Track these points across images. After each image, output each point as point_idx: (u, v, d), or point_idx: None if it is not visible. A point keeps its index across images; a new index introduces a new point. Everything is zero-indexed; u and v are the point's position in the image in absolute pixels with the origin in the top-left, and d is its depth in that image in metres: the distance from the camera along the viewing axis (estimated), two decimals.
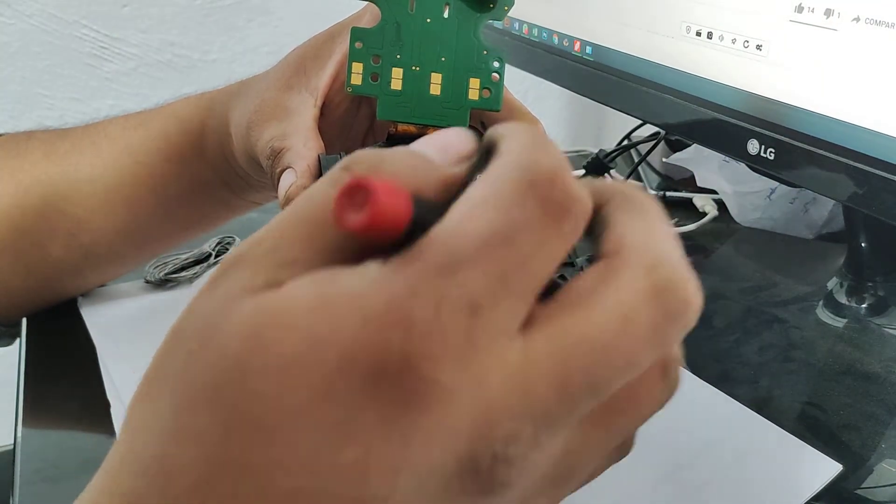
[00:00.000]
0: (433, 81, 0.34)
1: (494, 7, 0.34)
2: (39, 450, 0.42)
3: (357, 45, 0.34)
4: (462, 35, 0.34)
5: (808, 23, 0.42)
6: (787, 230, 0.69)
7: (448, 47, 0.34)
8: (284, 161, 0.35)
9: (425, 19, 0.34)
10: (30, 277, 0.49)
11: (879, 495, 0.40)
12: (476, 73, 0.34)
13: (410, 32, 0.34)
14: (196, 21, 0.96)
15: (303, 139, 0.35)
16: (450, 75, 0.34)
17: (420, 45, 0.34)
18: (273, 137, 0.36)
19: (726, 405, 0.45)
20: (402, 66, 0.34)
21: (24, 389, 0.47)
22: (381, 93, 0.34)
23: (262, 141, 0.37)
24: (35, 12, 0.89)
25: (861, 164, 0.40)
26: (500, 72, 0.35)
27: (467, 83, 0.34)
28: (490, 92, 0.35)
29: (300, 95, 0.38)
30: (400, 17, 0.34)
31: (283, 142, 0.36)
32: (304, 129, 0.36)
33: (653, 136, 0.71)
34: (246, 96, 0.41)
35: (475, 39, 0.34)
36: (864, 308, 0.57)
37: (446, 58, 0.34)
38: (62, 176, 0.47)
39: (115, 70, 0.94)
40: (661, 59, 0.52)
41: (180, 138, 0.46)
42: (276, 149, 0.36)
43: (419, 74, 0.34)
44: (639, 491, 0.38)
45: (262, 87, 0.40)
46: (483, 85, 0.35)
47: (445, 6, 0.34)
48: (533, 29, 0.65)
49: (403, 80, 0.34)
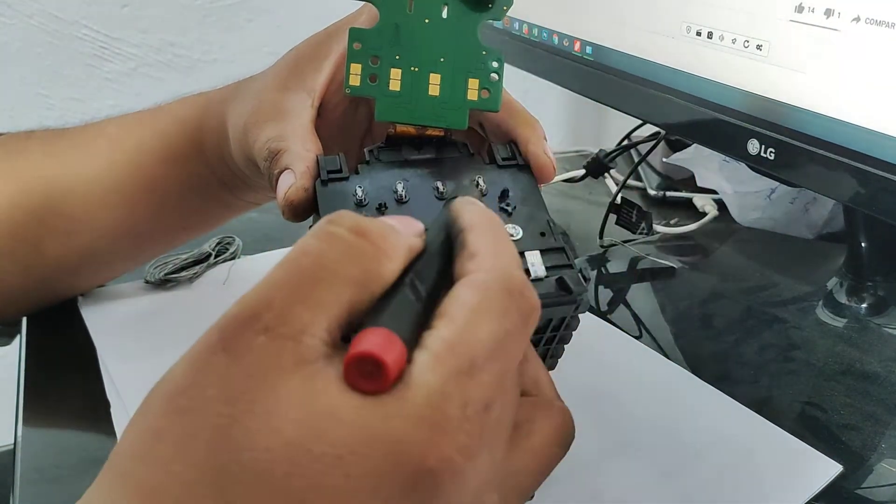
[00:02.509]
0: (432, 82, 0.34)
1: (493, 7, 0.34)
2: (39, 450, 0.42)
3: (355, 45, 0.33)
4: (461, 35, 0.34)
5: (809, 23, 0.42)
6: (787, 230, 0.69)
7: (447, 48, 0.34)
8: (283, 162, 0.35)
9: (424, 20, 0.34)
10: (27, 277, 0.49)
11: (879, 495, 0.40)
12: (475, 73, 0.34)
13: (409, 33, 0.34)
14: (196, 21, 0.96)
15: (301, 140, 0.35)
16: (449, 76, 0.34)
17: (419, 46, 0.34)
18: (270, 139, 0.36)
19: (727, 406, 0.45)
20: (401, 67, 0.34)
21: (24, 389, 0.46)
22: (380, 94, 0.34)
23: (260, 142, 0.37)
24: (35, 12, 0.89)
25: (861, 164, 0.40)
26: (498, 72, 0.34)
27: (466, 83, 0.34)
28: (489, 92, 0.34)
29: (297, 96, 0.37)
30: (398, 18, 0.33)
31: (280, 143, 0.35)
32: (302, 130, 0.36)
33: (653, 136, 0.71)
34: (243, 97, 0.40)
35: (474, 40, 0.34)
36: (864, 308, 0.57)
37: (445, 58, 0.34)
38: (61, 175, 0.47)
39: (115, 70, 0.94)
40: (661, 59, 0.52)
41: (179, 138, 0.46)
42: (274, 150, 0.35)
43: (418, 75, 0.34)
44: (640, 491, 0.38)
45: (259, 87, 0.39)
46: (482, 85, 0.34)
47: (444, 6, 0.34)
48: (533, 29, 0.65)
49: (402, 80, 0.34)
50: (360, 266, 0.21)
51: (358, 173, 0.33)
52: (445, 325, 0.21)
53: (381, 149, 0.34)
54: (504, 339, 0.21)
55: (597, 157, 0.69)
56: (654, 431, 0.42)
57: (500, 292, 0.22)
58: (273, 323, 0.20)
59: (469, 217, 0.24)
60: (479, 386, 0.20)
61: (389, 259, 0.22)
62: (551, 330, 0.33)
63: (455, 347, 0.20)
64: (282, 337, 0.20)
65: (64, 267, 0.49)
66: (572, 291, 0.30)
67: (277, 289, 0.21)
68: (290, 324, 0.20)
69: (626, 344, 0.51)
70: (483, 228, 0.24)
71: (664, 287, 0.62)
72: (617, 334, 0.52)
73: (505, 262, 0.23)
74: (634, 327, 0.56)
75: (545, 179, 0.34)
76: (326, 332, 0.20)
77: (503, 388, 0.21)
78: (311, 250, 0.21)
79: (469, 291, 0.22)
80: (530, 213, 0.33)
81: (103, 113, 0.94)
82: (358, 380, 0.19)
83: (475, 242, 0.23)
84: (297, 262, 0.21)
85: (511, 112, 0.36)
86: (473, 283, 0.22)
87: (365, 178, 0.33)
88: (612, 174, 0.78)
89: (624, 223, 0.66)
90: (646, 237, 0.68)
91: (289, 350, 0.20)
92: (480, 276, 0.22)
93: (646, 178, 0.80)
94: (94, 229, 0.48)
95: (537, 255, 0.31)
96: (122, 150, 0.47)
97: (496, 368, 0.21)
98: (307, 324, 0.20)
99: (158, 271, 0.55)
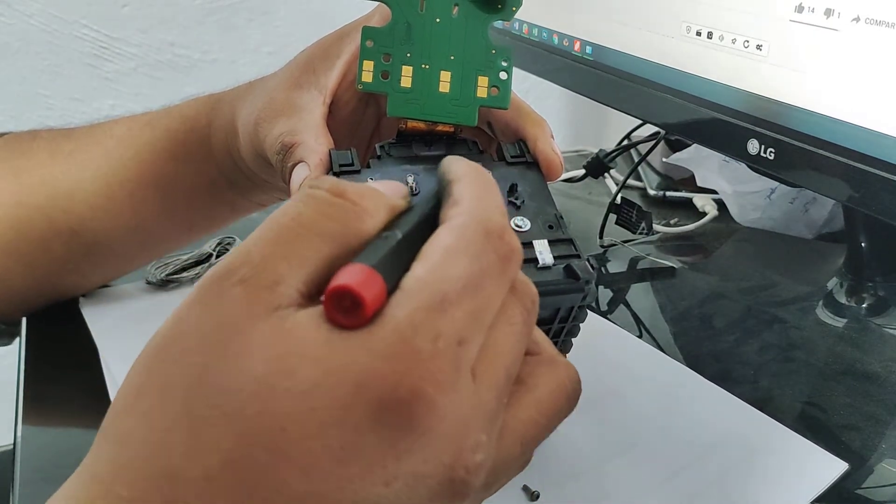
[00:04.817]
0: (442, 79, 0.35)
1: (503, 8, 0.35)
2: (39, 450, 0.42)
3: (368, 43, 0.34)
4: (471, 34, 0.35)
5: (809, 23, 0.42)
6: (787, 230, 0.69)
7: (457, 46, 0.34)
8: (296, 155, 0.36)
9: (435, 19, 0.34)
10: (31, 275, 0.49)
11: (880, 495, 0.40)
12: (485, 71, 0.35)
13: (420, 31, 0.34)
14: (196, 21, 0.96)
15: (314, 135, 0.36)
16: (459, 73, 0.35)
17: (429, 44, 0.34)
18: (283, 133, 0.37)
19: (732, 404, 0.45)
20: (412, 65, 0.34)
21: (24, 389, 0.46)
22: (392, 90, 0.34)
23: (272, 136, 0.37)
24: (35, 12, 0.89)
25: (861, 164, 0.40)
26: (508, 70, 0.35)
27: (476, 81, 0.35)
28: (498, 90, 0.35)
29: (309, 93, 0.38)
30: (410, 17, 0.34)
31: (293, 137, 0.36)
32: (314, 125, 0.37)
33: (653, 136, 0.71)
34: (254, 95, 0.41)
35: (483, 39, 0.35)
36: (864, 308, 0.57)
37: (455, 56, 0.34)
38: (66, 175, 0.47)
39: (115, 70, 0.94)
40: (661, 59, 0.52)
41: (187, 137, 0.46)
42: (288, 144, 0.36)
43: (428, 72, 0.34)
44: (646, 490, 0.38)
45: (271, 85, 0.40)
46: (492, 83, 0.35)
47: (454, 6, 0.34)
48: (533, 29, 0.65)
49: (413, 77, 0.34)
50: (338, 222, 0.22)
51: (369, 167, 0.34)
52: (421, 264, 0.21)
53: (391, 144, 0.35)
54: (479, 277, 0.21)
55: (597, 157, 0.69)
56: (660, 430, 0.42)
57: (476, 233, 0.22)
58: (248, 274, 0.20)
59: (457, 169, 0.24)
60: (450, 320, 0.20)
61: (370, 215, 0.22)
62: (559, 321, 0.33)
63: (427, 284, 0.21)
64: (256, 287, 0.20)
65: (68, 266, 0.50)
66: (580, 278, 0.30)
67: (255, 244, 0.21)
68: (265, 275, 0.20)
69: (629, 342, 0.51)
70: (469, 179, 0.24)
71: (664, 287, 0.62)
72: (619, 333, 0.52)
73: (485, 206, 0.23)
74: (634, 327, 0.56)
75: (554, 176, 0.35)
76: (304, 283, 0.21)
77: (479, 325, 0.21)
78: (290, 210, 0.22)
79: (446, 233, 0.22)
80: (539, 208, 0.33)
81: (103, 113, 0.94)
82: (336, 315, 0.20)
83: (459, 191, 0.23)
84: (276, 221, 0.22)
85: (519, 111, 0.36)
86: (450, 225, 0.22)
87: (376, 172, 0.33)
88: (612, 174, 0.78)
89: (624, 223, 0.66)
90: (646, 237, 0.68)
91: (262, 298, 0.20)
92: (459, 219, 0.22)
93: (646, 178, 0.80)
94: (100, 228, 0.48)
95: (545, 244, 0.31)
96: (131, 150, 0.47)
97: (470, 305, 0.21)
98: (283, 275, 0.20)
99: (160, 272, 0.55)
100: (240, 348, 0.19)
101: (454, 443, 0.20)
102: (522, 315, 0.23)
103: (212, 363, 0.19)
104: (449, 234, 0.22)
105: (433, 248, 0.21)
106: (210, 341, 0.20)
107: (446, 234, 0.22)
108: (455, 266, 0.21)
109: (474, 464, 0.20)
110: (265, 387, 0.19)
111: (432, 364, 0.20)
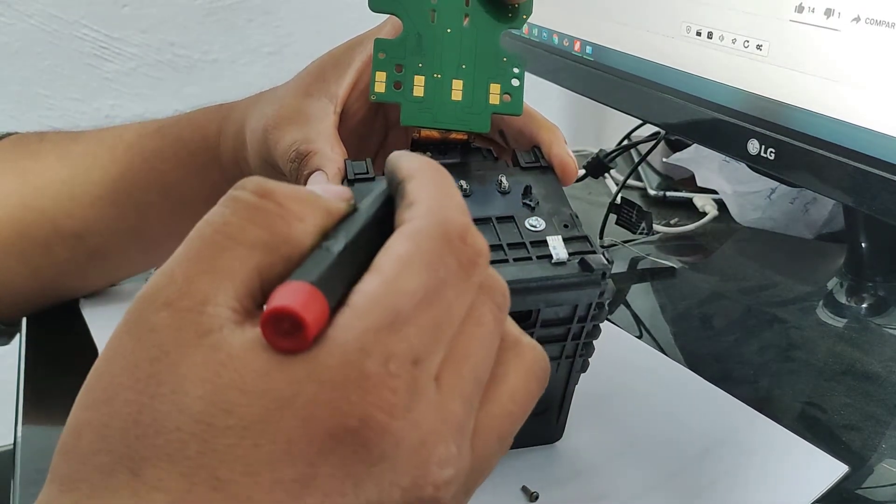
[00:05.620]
0: (454, 88, 0.35)
1: (514, 17, 0.35)
2: (39, 450, 0.42)
3: (380, 55, 0.34)
4: (482, 43, 0.35)
5: (809, 23, 0.42)
6: (787, 230, 0.69)
7: (468, 55, 0.35)
8: (313, 164, 0.36)
9: (446, 29, 0.35)
10: (34, 277, 0.49)
11: (880, 495, 0.40)
12: (496, 78, 0.35)
13: (431, 42, 0.34)
14: (196, 21, 0.96)
15: (329, 144, 0.36)
16: (470, 81, 0.35)
17: (441, 54, 0.35)
18: (296, 141, 0.37)
19: (732, 406, 0.45)
20: (424, 74, 0.35)
21: (24, 389, 0.46)
22: (404, 100, 0.35)
23: (284, 144, 0.37)
24: (35, 12, 0.89)
25: (861, 164, 0.40)
26: (520, 77, 0.35)
27: (488, 89, 0.35)
28: (511, 97, 0.35)
29: (320, 102, 0.38)
30: (421, 28, 0.34)
31: (308, 145, 0.36)
32: (328, 134, 0.37)
33: (653, 136, 0.71)
34: (263, 103, 0.41)
35: (495, 47, 0.35)
36: (864, 308, 0.57)
37: (467, 65, 0.35)
38: (73, 178, 0.47)
39: (115, 70, 0.94)
40: (661, 59, 0.52)
41: (196, 144, 0.46)
42: (304, 152, 0.36)
43: (440, 81, 0.35)
44: (646, 490, 0.38)
45: (281, 94, 0.40)
46: (504, 90, 0.35)
47: (465, 17, 0.35)
48: (533, 29, 0.65)
49: (425, 87, 0.35)
50: (265, 228, 0.20)
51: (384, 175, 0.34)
52: (372, 278, 0.20)
53: None
54: (438, 288, 0.20)
55: (597, 157, 0.69)
56: (660, 432, 0.42)
57: (434, 239, 0.20)
58: (173, 297, 0.19)
59: (408, 166, 0.22)
60: (403, 339, 0.19)
61: (299, 219, 0.21)
62: (578, 321, 0.33)
63: (379, 301, 0.19)
64: (182, 310, 0.19)
65: (72, 268, 0.50)
66: (594, 270, 0.30)
67: (178, 262, 0.20)
68: (190, 296, 0.19)
69: (629, 344, 0.51)
70: (423, 176, 0.22)
71: (664, 287, 0.62)
72: (620, 334, 0.52)
73: (443, 206, 0.21)
74: (635, 327, 0.56)
75: (569, 179, 0.35)
76: (234, 299, 0.19)
77: (438, 338, 0.20)
78: (213, 219, 0.20)
79: (400, 241, 0.20)
80: (554, 208, 0.34)
81: (103, 113, 0.94)
82: (276, 339, 0.18)
83: (413, 191, 0.22)
84: (199, 232, 0.20)
85: (532, 118, 0.37)
86: (406, 231, 0.20)
87: None
88: (612, 174, 0.78)
89: (624, 223, 0.66)
90: (646, 237, 0.68)
91: (190, 323, 0.19)
92: (415, 223, 0.21)
93: (646, 178, 0.80)
94: (105, 232, 0.48)
95: (559, 240, 0.32)
96: (140, 156, 0.47)
97: (427, 320, 0.19)
98: (209, 293, 0.19)
99: None
100: (174, 384, 0.18)
101: (416, 463, 0.19)
102: (493, 312, 0.22)
103: (146, 403, 0.18)
104: (403, 241, 0.20)
105: (386, 259, 0.20)
106: (142, 377, 0.19)
107: (401, 242, 0.20)
108: (410, 279, 0.19)
109: (442, 480, 0.19)
110: (204, 426, 0.18)
111: (384, 388, 0.18)
